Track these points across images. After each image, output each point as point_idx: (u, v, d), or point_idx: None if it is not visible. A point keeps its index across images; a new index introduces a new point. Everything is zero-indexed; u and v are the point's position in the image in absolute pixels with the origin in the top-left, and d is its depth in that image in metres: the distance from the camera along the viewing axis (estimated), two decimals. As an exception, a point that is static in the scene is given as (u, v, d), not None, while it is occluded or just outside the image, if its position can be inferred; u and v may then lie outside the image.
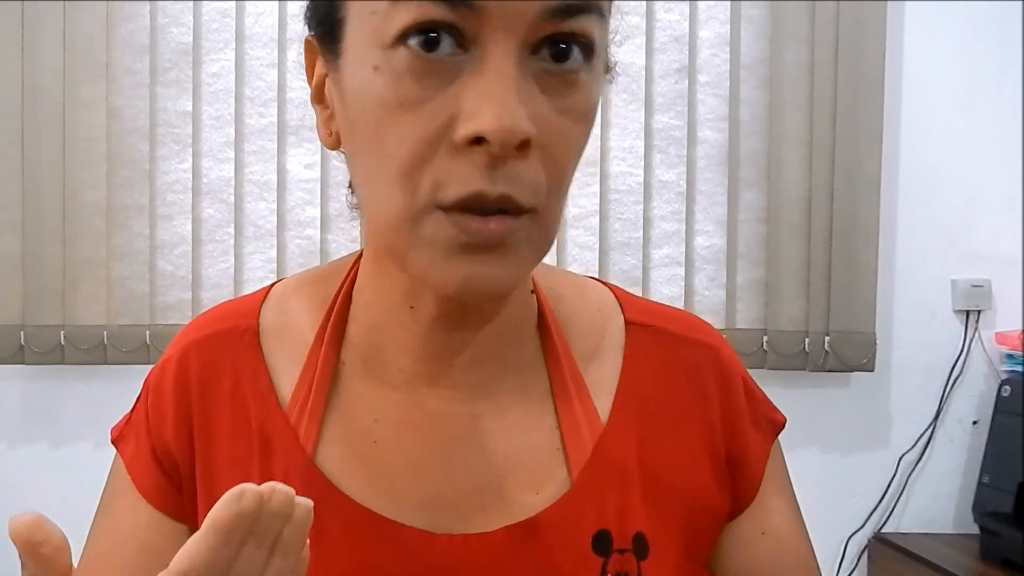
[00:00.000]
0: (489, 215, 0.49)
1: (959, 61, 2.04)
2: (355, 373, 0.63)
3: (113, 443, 0.67)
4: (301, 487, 0.59)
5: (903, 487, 2.05)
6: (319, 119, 0.58)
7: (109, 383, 1.89)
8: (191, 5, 1.90)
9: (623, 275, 1.96)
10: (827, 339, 1.95)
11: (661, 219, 1.98)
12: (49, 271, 1.87)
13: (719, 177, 1.98)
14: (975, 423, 2.06)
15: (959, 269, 2.06)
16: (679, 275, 1.98)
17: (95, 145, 1.88)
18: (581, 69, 0.51)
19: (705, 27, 1.97)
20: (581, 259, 1.96)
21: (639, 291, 1.95)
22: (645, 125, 1.96)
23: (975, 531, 1.91)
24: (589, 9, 0.50)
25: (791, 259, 1.96)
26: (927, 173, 2.04)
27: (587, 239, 1.96)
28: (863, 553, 2.03)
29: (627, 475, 0.61)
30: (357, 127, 0.53)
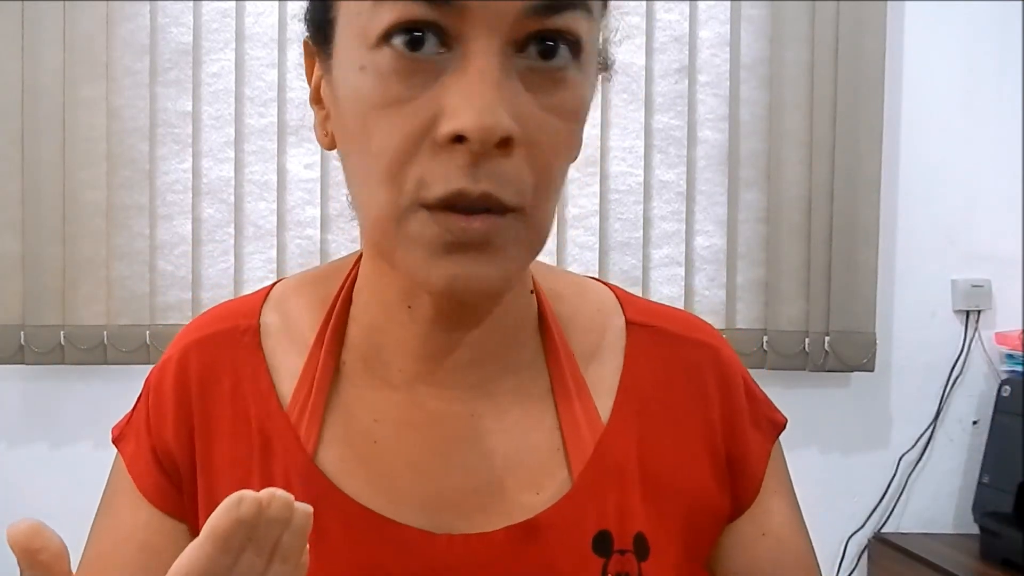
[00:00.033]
0: (473, 214, 0.49)
1: (959, 61, 2.04)
2: (355, 373, 0.63)
3: (114, 442, 0.67)
4: (301, 487, 0.59)
5: (903, 487, 2.05)
6: (316, 120, 0.59)
7: (109, 383, 1.89)
8: (191, 5, 1.90)
9: (623, 275, 1.96)
10: (827, 339, 1.95)
11: (661, 219, 1.98)
12: (49, 271, 1.87)
13: (719, 177, 1.98)
14: (975, 423, 2.06)
15: (959, 269, 2.06)
16: (679, 275, 1.98)
17: (95, 145, 1.87)
18: (569, 67, 0.51)
19: (705, 27, 1.97)
20: (581, 259, 1.96)
21: (639, 291, 1.95)
22: (645, 125, 1.96)
23: (975, 531, 1.91)
24: (574, 6, 0.50)
25: (791, 259, 1.96)
26: (927, 173, 2.04)
27: (587, 239, 1.96)
28: (863, 553, 2.03)
29: (627, 475, 0.61)
30: (347, 127, 0.53)
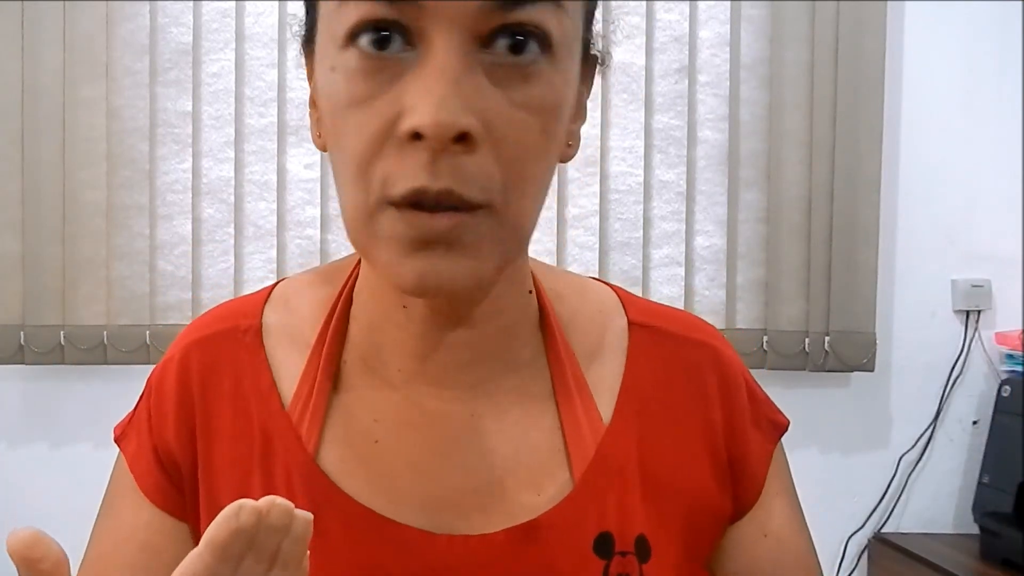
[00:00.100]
0: (438, 211, 0.49)
1: (959, 61, 2.04)
2: (356, 373, 0.63)
3: (116, 442, 0.67)
4: (302, 487, 0.59)
5: (903, 487, 2.05)
6: (311, 121, 0.59)
7: (109, 383, 1.89)
8: (191, 5, 1.90)
9: (623, 275, 1.96)
10: (827, 339, 1.95)
11: (661, 219, 1.98)
12: (49, 271, 1.86)
13: (719, 177, 1.98)
14: (975, 423, 2.06)
15: (959, 269, 2.06)
16: (679, 275, 1.98)
17: (95, 145, 1.87)
18: (539, 61, 0.50)
19: (705, 27, 1.97)
20: (581, 259, 1.96)
21: (639, 291, 1.95)
22: (645, 125, 1.96)
23: (975, 531, 1.91)
24: None
25: (791, 259, 1.96)
26: (927, 173, 2.04)
27: (587, 239, 1.96)
28: (863, 553, 2.03)
29: (628, 476, 0.61)
30: (326, 127, 0.54)
